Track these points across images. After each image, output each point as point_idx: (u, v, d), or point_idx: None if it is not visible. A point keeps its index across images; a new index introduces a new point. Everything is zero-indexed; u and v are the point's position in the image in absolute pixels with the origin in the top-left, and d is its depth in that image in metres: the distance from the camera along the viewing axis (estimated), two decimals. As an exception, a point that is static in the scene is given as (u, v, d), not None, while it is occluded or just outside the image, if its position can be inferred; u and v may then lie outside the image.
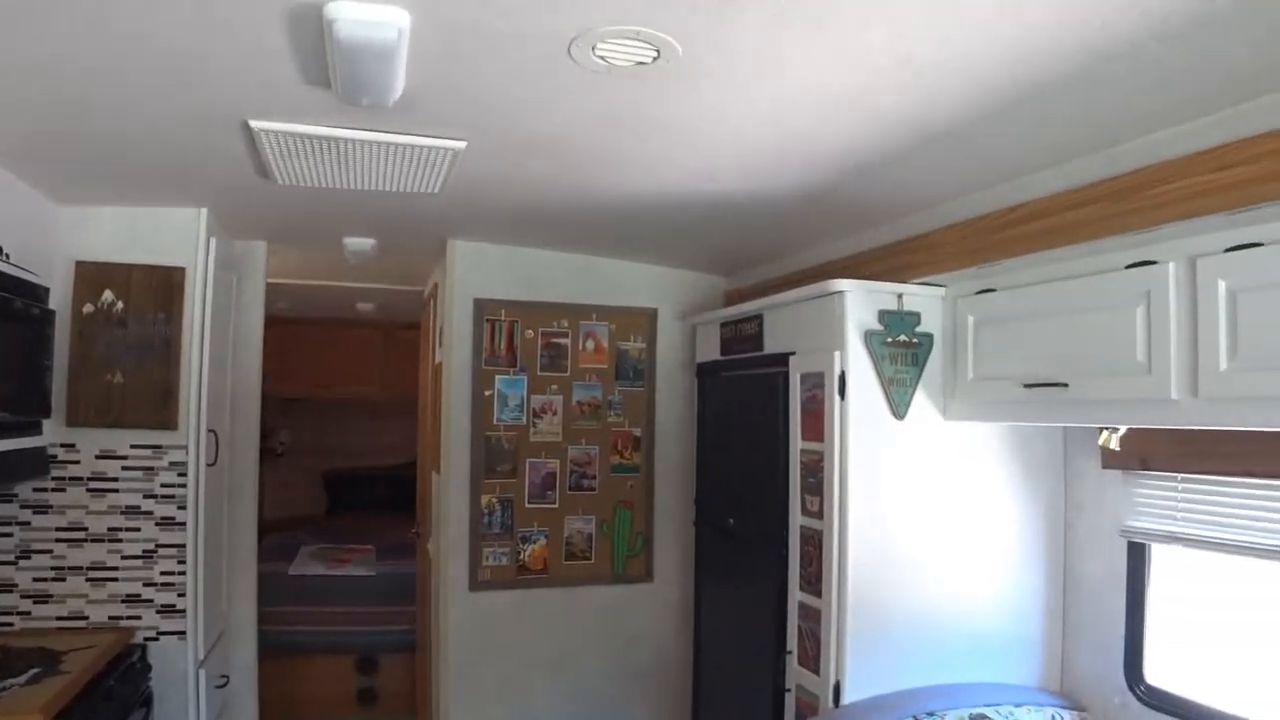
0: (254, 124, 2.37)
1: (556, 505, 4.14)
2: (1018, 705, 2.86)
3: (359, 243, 4.09)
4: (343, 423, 8.06)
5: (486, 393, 4.05)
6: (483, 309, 4.06)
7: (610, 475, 4.23)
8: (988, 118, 2.13)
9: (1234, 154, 1.95)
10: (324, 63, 1.91)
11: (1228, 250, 2.07)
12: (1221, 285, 2.07)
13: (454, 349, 4.05)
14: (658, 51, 1.83)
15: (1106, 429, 2.67)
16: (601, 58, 1.87)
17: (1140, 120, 2.11)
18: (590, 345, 4.21)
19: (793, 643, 3.10)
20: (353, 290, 5.91)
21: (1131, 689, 2.89)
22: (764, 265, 4.08)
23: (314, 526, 7.36)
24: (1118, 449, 2.71)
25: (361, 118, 2.33)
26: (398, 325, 7.16)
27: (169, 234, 3.38)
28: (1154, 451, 2.73)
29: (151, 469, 3.37)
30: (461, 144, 2.51)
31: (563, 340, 4.17)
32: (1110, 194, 2.25)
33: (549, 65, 1.94)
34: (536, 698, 4.14)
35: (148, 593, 3.36)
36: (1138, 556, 2.91)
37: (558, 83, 2.04)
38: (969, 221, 2.71)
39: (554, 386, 4.15)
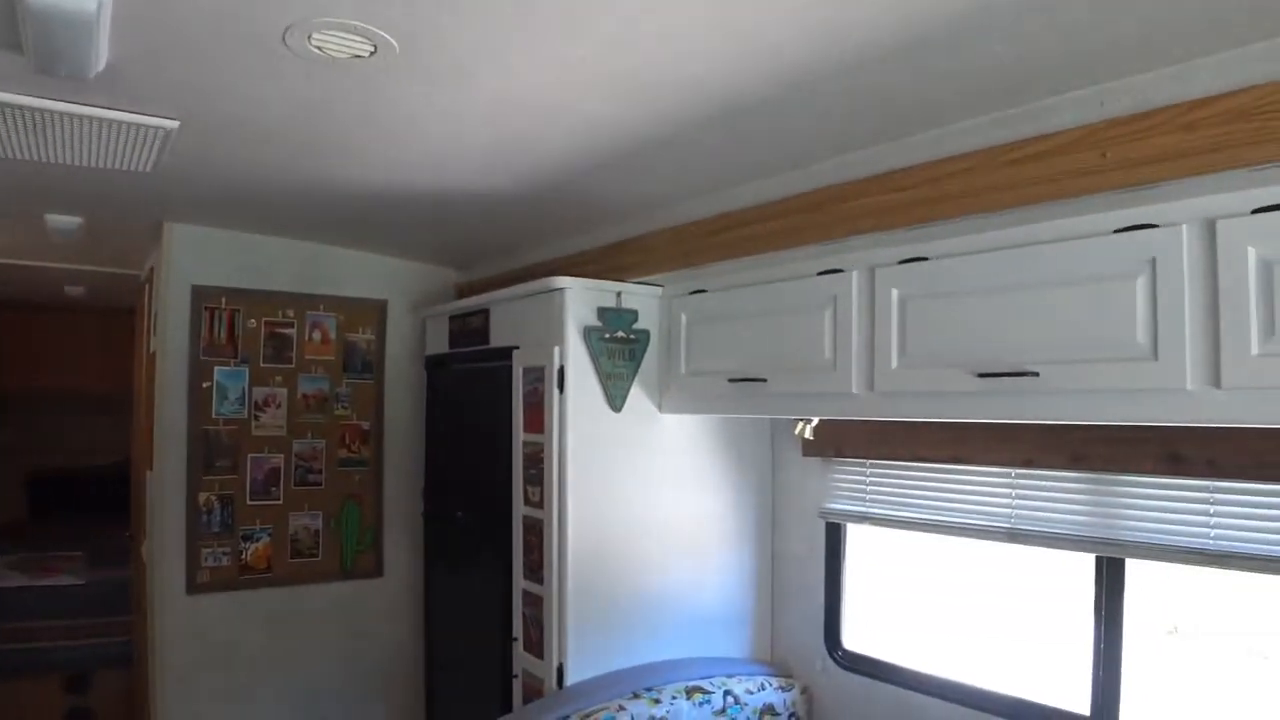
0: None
1: (281, 501, 3.98)
2: (730, 676, 3.06)
3: (63, 221, 3.75)
4: (52, 419, 7.36)
5: (205, 384, 3.84)
6: (202, 296, 3.84)
7: (338, 469, 4.11)
8: (696, 131, 2.26)
9: (906, 179, 2.19)
10: (15, 25, 1.76)
11: (901, 262, 2.31)
12: (894, 293, 2.32)
13: (169, 338, 3.81)
14: (375, 47, 1.83)
15: (802, 420, 2.90)
16: (318, 48, 1.84)
17: (831, 142, 2.32)
18: (317, 336, 4.08)
19: (518, 629, 3.16)
20: (59, 272, 5.40)
21: (831, 655, 3.17)
22: (494, 260, 4.10)
23: (14, 533, 6.69)
24: (812, 438, 2.96)
25: (60, 88, 2.15)
26: (114, 311, 6.63)
27: None
28: (846, 440, 3.02)
29: None
30: (174, 123, 2.38)
31: (288, 331, 4.01)
32: (804, 207, 2.44)
33: (264, 51, 1.88)
34: (263, 703, 3.97)
35: None
36: (834, 535, 3.20)
37: (274, 69, 1.98)
38: (682, 226, 2.86)
39: (278, 378, 3.99)
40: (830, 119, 2.16)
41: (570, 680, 2.93)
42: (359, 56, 1.88)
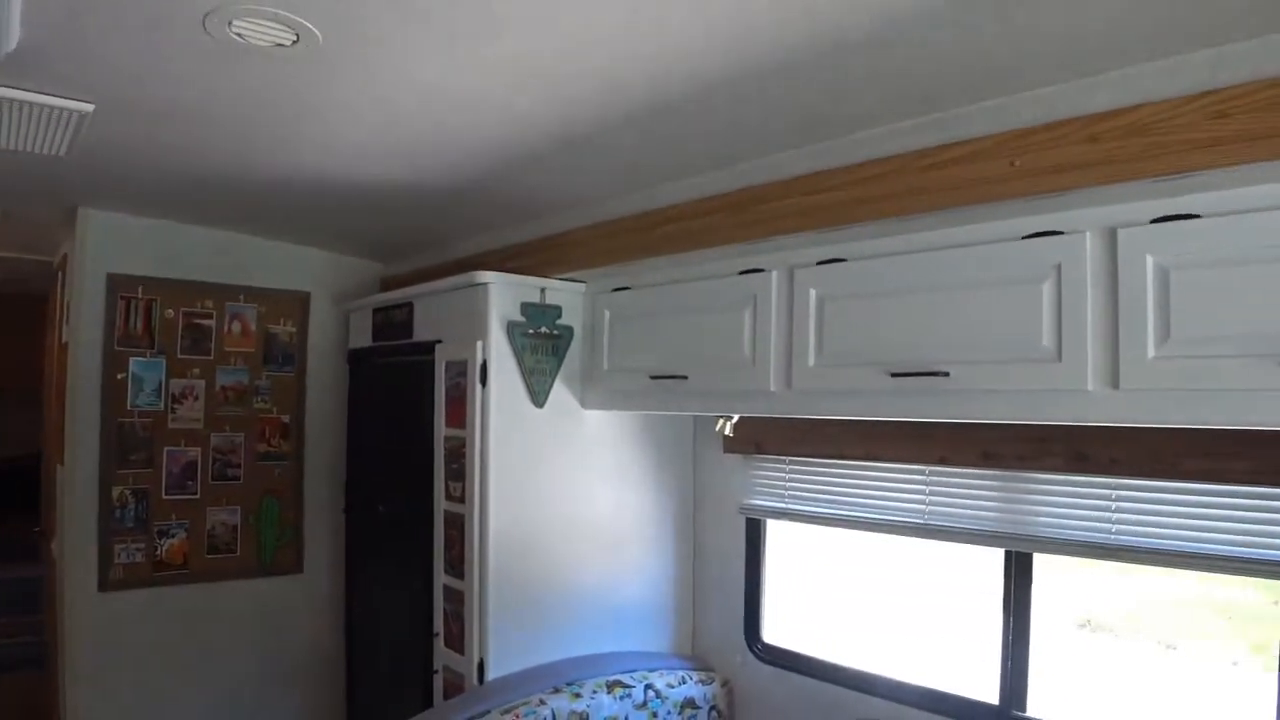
0: None
1: (198, 496, 3.90)
2: (651, 670, 3.09)
3: (-33, 204, 3.64)
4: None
5: (119, 376, 3.74)
6: (117, 285, 3.74)
7: (257, 464, 4.04)
8: (618, 130, 2.28)
9: (826, 181, 2.24)
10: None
11: (820, 263, 2.36)
12: (813, 293, 2.37)
13: (82, 327, 3.70)
14: (297, 35, 1.81)
15: (722, 417, 2.94)
16: (239, 35, 1.81)
17: (752, 143, 2.36)
18: (237, 328, 4.00)
19: (439, 625, 3.15)
20: (-37, 257, 5.23)
21: (751, 648, 3.23)
22: (421, 254, 4.07)
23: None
24: (733, 435, 3.00)
25: (-34, 67, 2.10)
26: (24, 299, 6.41)
27: None
28: (766, 438, 3.07)
29: None
30: (89, 107, 2.32)
31: (207, 321, 3.93)
32: (727, 207, 2.48)
33: (183, 36, 1.85)
34: (179, 703, 3.87)
35: None
36: (754, 531, 3.25)
37: (194, 55, 1.95)
38: (607, 223, 2.87)
39: (196, 370, 3.90)
40: (751, 121, 2.19)
41: (491, 675, 2.93)
42: (281, 45, 1.86)
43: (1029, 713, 2.56)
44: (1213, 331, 1.71)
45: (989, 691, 2.62)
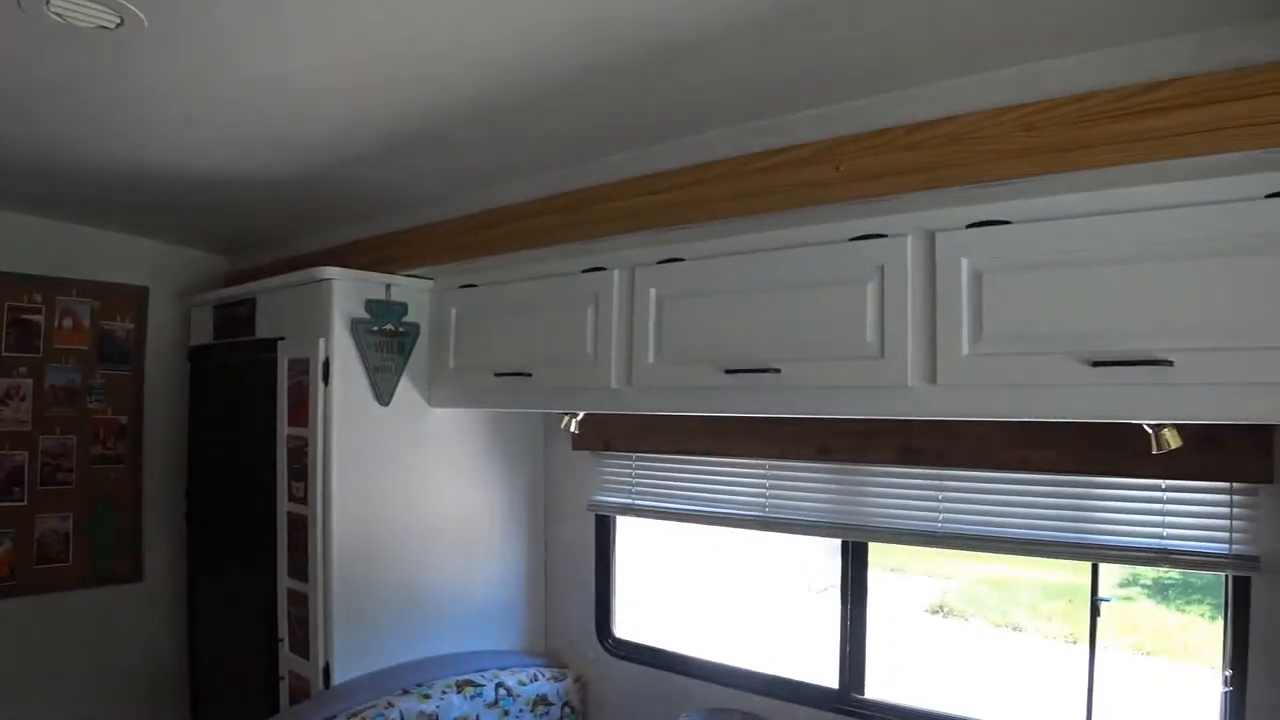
0: None
1: (25, 502, 3.68)
2: (502, 668, 3.09)
3: None
4: None
5: (-64, 375, 3.53)
6: (-68, 279, 3.52)
7: (91, 467, 3.84)
8: (457, 128, 2.28)
9: (665, 182, 2.27)
10: None
11: (659, 262, 2.40)
12: (653, 292, 2.41)
13: (-109, 324, 3.48)
14: (121, 19, 1.74)
15: (567, 414, 2.95)
16: (58, 15, 1.73)
17: (593, 144, 2.39)
18: (69, 324, 3.80)
19: (284, 630, 3.07)
20: None
21: (602, 643, 3.26)
22: (267, 248, 3.94)
23: None
24: (578, 432, 3.02)
25: None
26: None
27: None
28: (613, 434, 3.11)
29: None
30: (-105, 87, 2.18)
31: (34, 317, 3.71)
32: (569, 205, 2.49)
33: (-1, 13, 1.76)
34: (7, 722, 3.69)
35: None
36: (604, 527, 3.28)
37: (9, 33, 1.85)
38: (453, 220, 2.85)
39: (22, 369, 3.68)
40: (584, 124, 2.22)
41: (337, 680, 2.87)
42: (104, 27, 1.78)
43: (867, 695, 2.67)
44: (1022, 330, 1.83)
45: (831, 676, 2.72)
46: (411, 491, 3.05)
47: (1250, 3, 1.52)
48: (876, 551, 2.67)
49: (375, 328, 2.93)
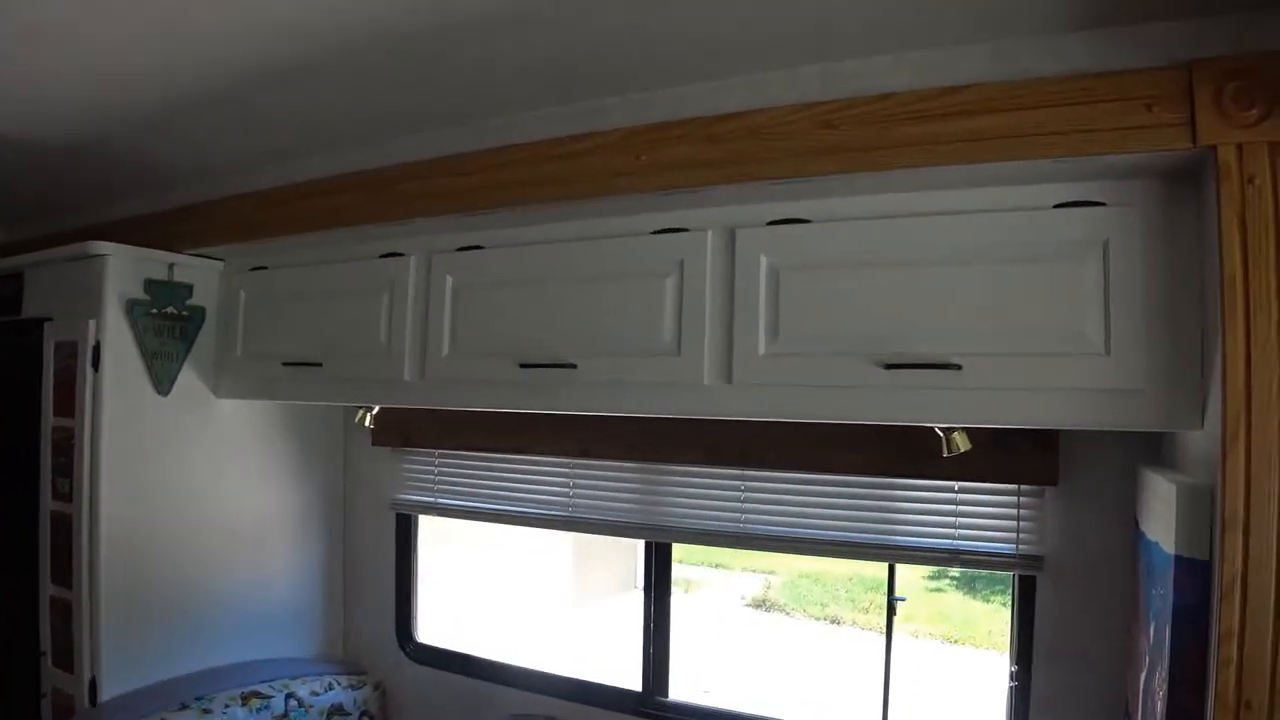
0: None
1: None
2: (294, 677, 2.91)
3: None
4: None
5: None
6: None
7: None
8: (244, 91, 2.10)
9: (470, 164, 2.16)
10: None
11: (458, 250, 2.30)
12: (449, 280, 2.32)
13: None
14: None
15: (362, 408, 2.81)
16: None
17: (394, 120, 2.27)
18: None
19: (47, 642, 2.80)
20: None
21: (403, 648, 3.13)
22: (42, 221, 3.61)
23: None
24: (373, 427, 2.88)
25: None
26: None
27: None
28: (414, 430, 2.99)
29: None
30: None
31: None
32: (371, 184, 2.35)
33: None
34: None
35: None
36: (405, 527, 3.15)
37: None
38: (244, 195, 2.65)
39: None
40: (388, 96, 2.10)
41: (105, 695, 2.62)
42: None
43: (671, 697, 2.64)
44: (818, 330, 1.82)
45: (634, 679, 2.69)
46: (195, 488, 2.82)
47: (1041, 17, 1.56)
48: (702, 549, 2.65)
49: (155, 310, 2.69)
